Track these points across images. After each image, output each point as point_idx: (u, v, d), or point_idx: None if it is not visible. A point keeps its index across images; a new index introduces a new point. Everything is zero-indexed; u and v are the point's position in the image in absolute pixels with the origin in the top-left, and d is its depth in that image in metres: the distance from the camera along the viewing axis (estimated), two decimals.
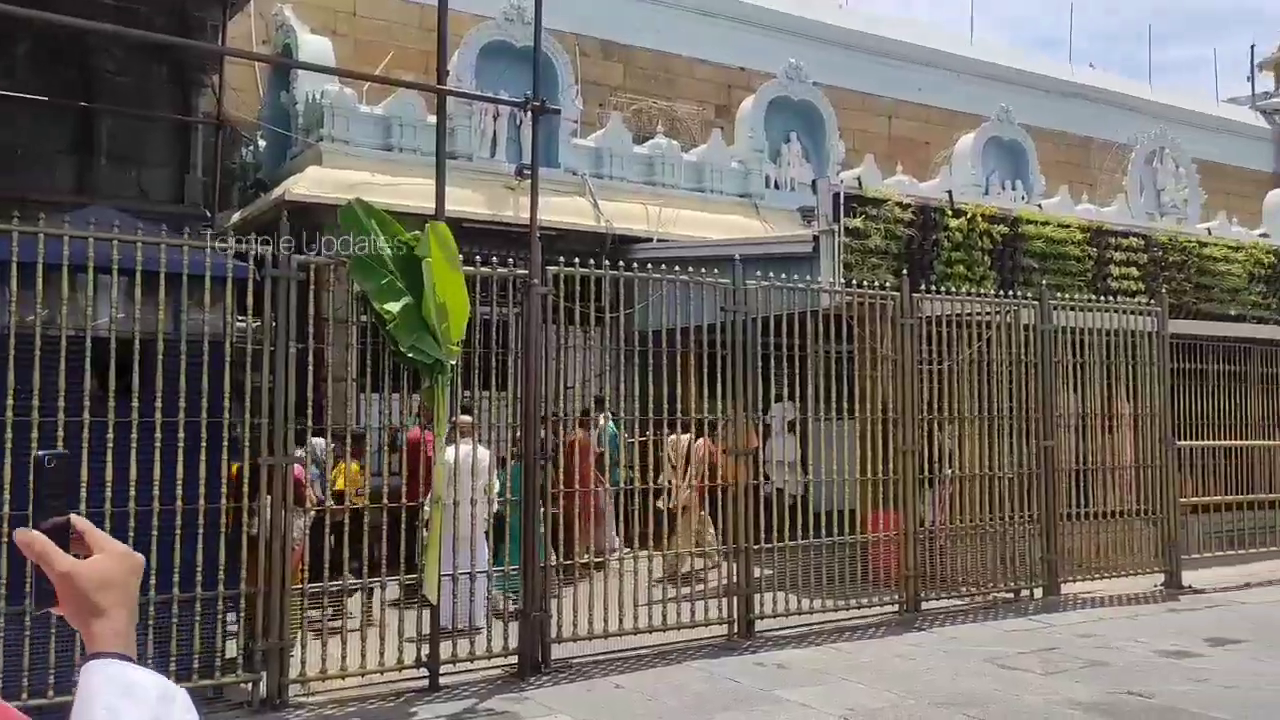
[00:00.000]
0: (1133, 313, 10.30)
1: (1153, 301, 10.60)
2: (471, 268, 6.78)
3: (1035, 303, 9.70)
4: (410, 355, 6.16)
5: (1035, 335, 9.68)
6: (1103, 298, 10.48)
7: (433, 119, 8.03)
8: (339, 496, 7.41)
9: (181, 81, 11.40)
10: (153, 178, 11.17)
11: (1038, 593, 9.45)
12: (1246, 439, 12.40)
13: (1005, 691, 6.39)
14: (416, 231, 6.29)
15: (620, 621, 7.25)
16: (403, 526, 6.53)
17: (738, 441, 7.96)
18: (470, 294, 6.61)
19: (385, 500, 6.54)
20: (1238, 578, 10.44)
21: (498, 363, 7.17)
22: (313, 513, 7.13)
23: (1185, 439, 11.38)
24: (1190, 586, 9.95)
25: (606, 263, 7.83)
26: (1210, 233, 14.31)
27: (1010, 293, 9.77)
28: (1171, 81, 40.99)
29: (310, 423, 7.19)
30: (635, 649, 7.29)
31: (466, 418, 7.50)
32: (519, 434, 7.20)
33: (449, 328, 6.23)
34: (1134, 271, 11.81)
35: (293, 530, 6.29)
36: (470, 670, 6.70)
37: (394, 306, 6.10)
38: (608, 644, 7.22)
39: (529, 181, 7.66)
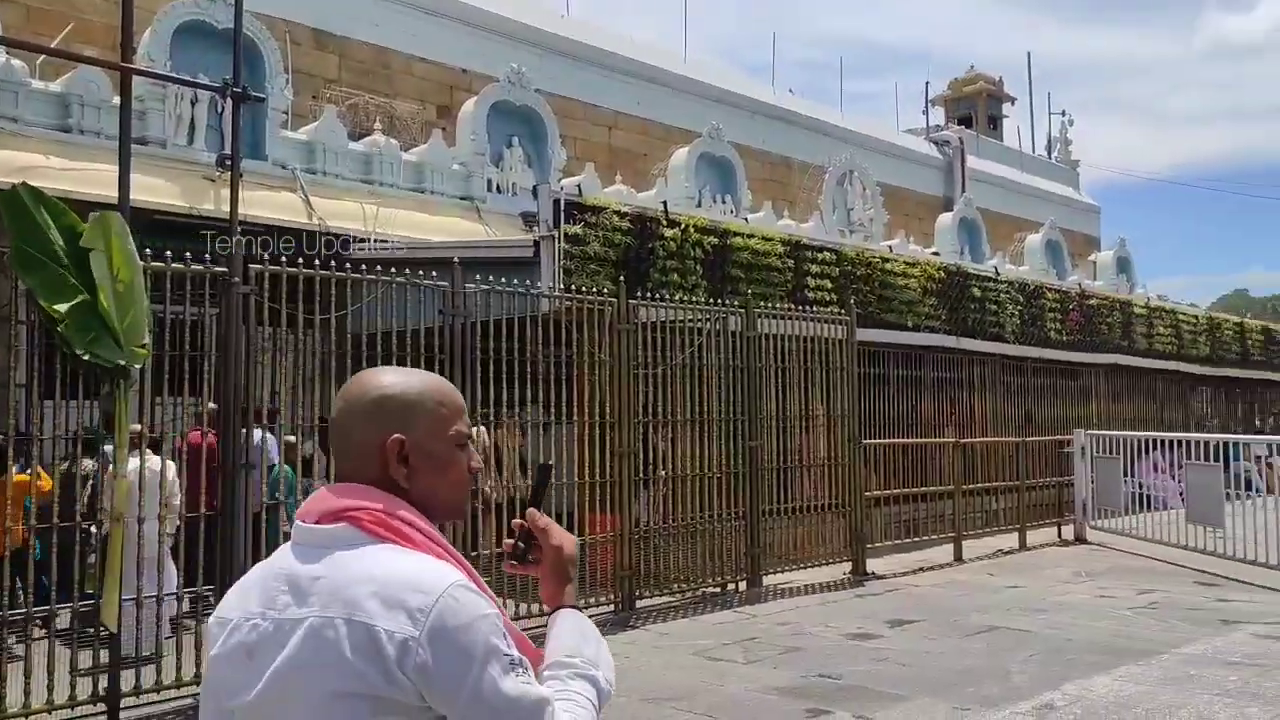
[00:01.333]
0: (826, 321, 11.10)
1: (843, 311, 11.45)
2: (161, 263, 6.25)
3: (742, 310, 10.24)
4: (87, 359, 5.59)
5: (742, 341, 10.22)
6: (800, 307, 11.25)
7: (118, 99, 7.38)
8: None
9: None
10: None
11: (742, 585, 9.97)
12: (921, 437, 13.70)
13: (710, 682, 6.69)
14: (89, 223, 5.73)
15: None
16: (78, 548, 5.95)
17: None
18: (162, 292, 6.12)
19: (55, 520, 5.91)
20: (912, 563, 11.50)
21: (193, 366, 6.67)
22: None
23: (870, 437, 12.40)
24: (874, 573, 10.84)
25: (318, 262, 7.51)
26: (891, 250, 15.67)
27: (720, 301, 10.25)
28: (860, 110, 44.59)
29: None
30: None
31: (137, 426, 6.86)
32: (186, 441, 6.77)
33: (131, 328, 5.70)
34: (828, 283, 12.72)
35: None
36: (157, 701, 6.21)
37: (63, 306, 5.51)
38: None
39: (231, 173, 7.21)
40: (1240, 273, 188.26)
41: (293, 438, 8.06)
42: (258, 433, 7.17)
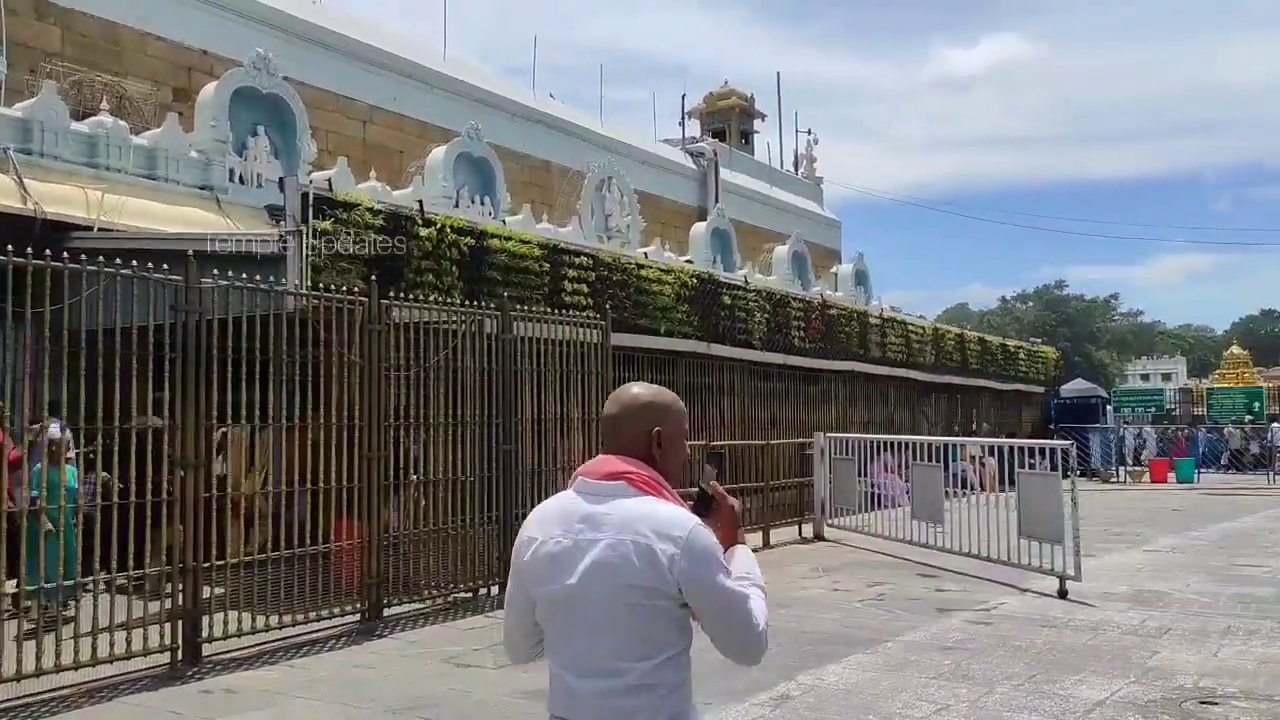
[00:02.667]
0: (582, 325, 11.20)
1: (599, 316, 11.59)
2: None
3: (498, 313, 10.16)
4: None
5: (498, 344, 10.14)
6: (557, 311, 11.30)
7: None
8: None
9: None
10: None
11: (494, 590, 9.89)
12: None
13: (459, 690, 6.58)
14: None
15: (38, 661, 6.35)
16: None
17: (186, 451, 7.37)
18: None
19: None
20: None
21: None
22: None
23: None
24: None
25: (30, 250, 6.82)
26: (647, 256, 16.03)
27: (476, 303, 10.13)
28: (619, 118, 45.42)
29: None
30: (57, 689, 6.43)
31: None
32: None
33: None
34: (584, 288, 12.86)
35: None
36: None
37: None
38: (20, 688, 6.29)
39: None
40: (963, 288, 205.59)
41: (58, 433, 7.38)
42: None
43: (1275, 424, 30.72)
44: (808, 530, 14.67)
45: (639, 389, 2.44)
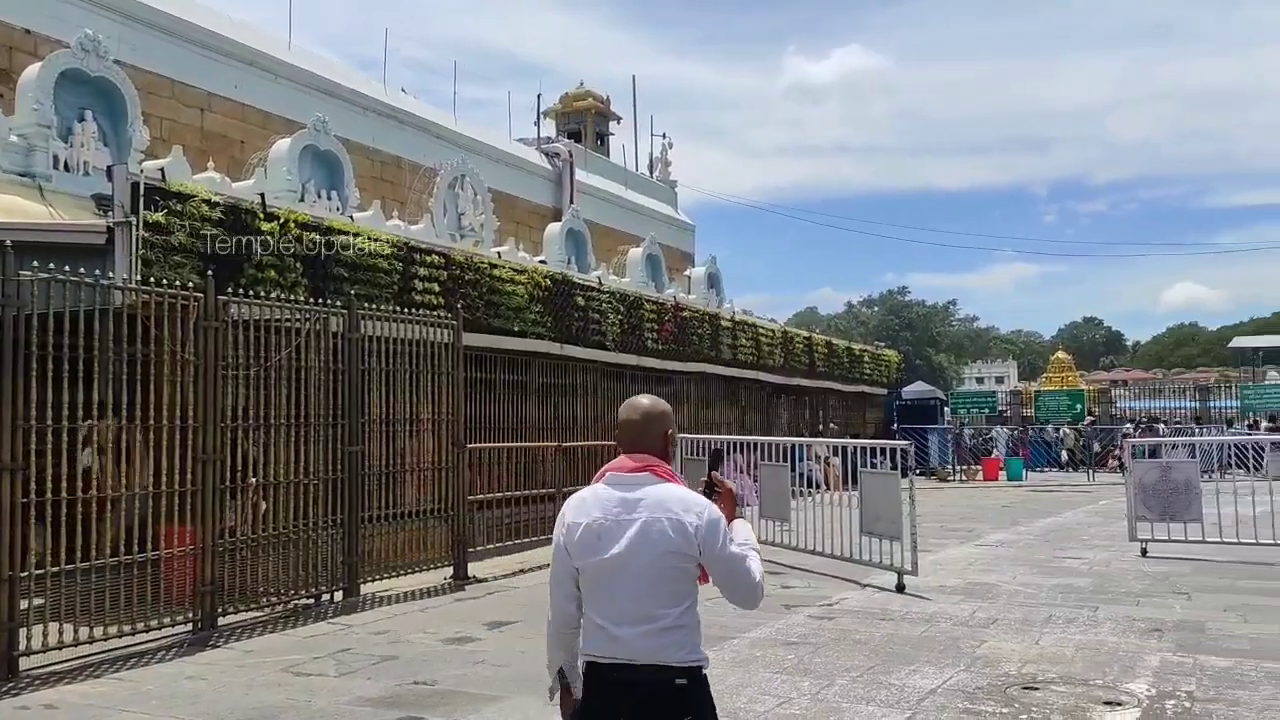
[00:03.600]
0: (433, 325, 11.01)
1: (450, 315, 11.42)
2: None
3: (344, 311, 9.89)
4: None
5: (344, 343, 9.87)
6: (407, 310, 11.08)
7: None
8: None
9: None
10: None
11: (338, 596, 9.62)
12: (526, 440, 14.00)
13: (298, 699, 6.36)
14: None
15: None
16: None
17: (1, 454, 6.90)
18: None
19: None
20: (514, 565, 11.71)
21: None
22: None
23: (476, 441, 12.48)
24: (474, 577, 10.90)
25: None
26: (500, 256, 15.89)
27: (322, 301, 9.84)
28: (473, 116, 44.91)
29: None
30: None
31: None
32: None
33: None
34: (436, 287, 12.65)
35: None
36: None
37: None
38: None
39: None
40: (812, 292, 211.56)
41: None
42: None
43: (1129, 424, 32.71)
44: None
45: (650, 401, 3.08)
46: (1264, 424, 31.44)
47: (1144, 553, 12.08)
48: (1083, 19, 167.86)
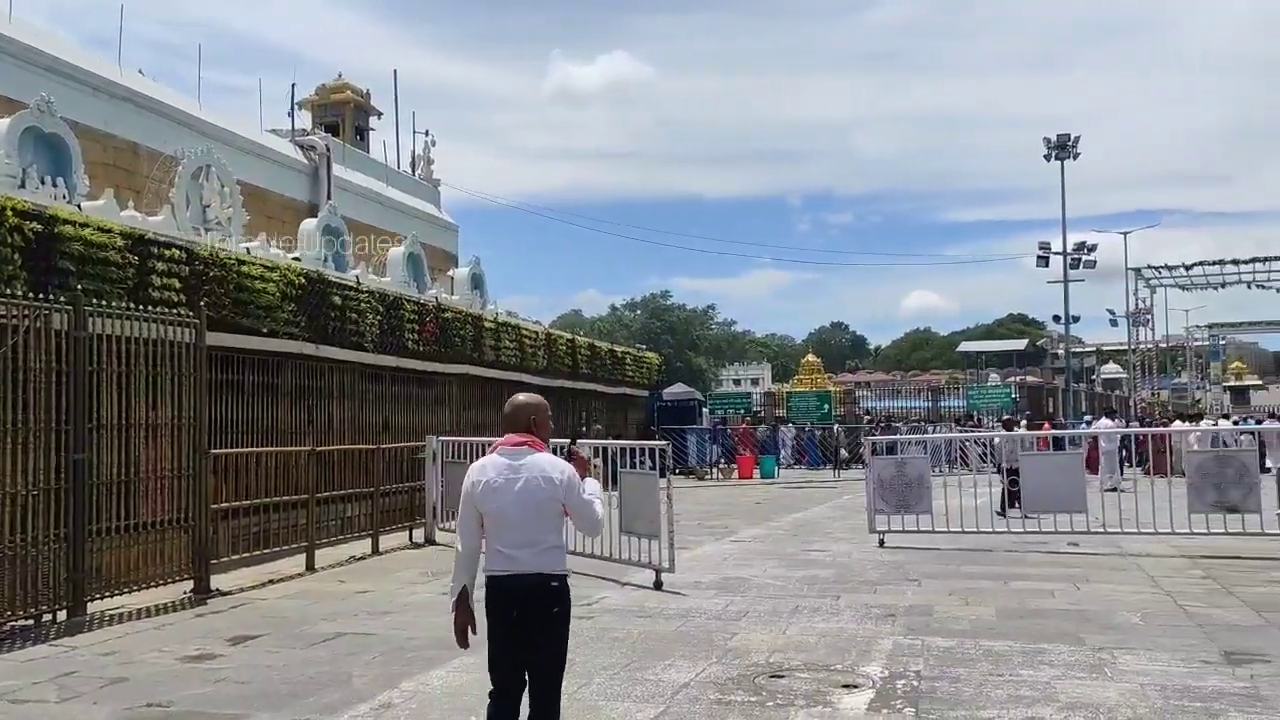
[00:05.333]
0: (173, 323, 10.32)
1: (192, 313, 10.73)
2: None
3: (69, 308, 9.11)
4: None
5: (69, 342, 9.09)
6: (144, 307, 10.33)
7: None
8: None
9: None
10: None
11: (62, 615, 8.85)
12: (279, 445, 13.36)
13: None
14: None
15: None
16: None
17: None
18: None
19: None
20: (262, 576, 11.15)
21: None
22: None
23: (223, 446, 11.80)
24: (218, 590, 10.30)
25: None
26: (250, 252, 15.10)
27: (43, 296, 9.02)
28: (220, 103, 42.52)
29: None
30: None
31: None
32: None
33: None
34: (176, 283, 11.86)
35: None
36: None
37: None
38: None
39: None
40: (577, 294, 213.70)
41: None
42: None
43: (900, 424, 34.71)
44: (419, 535, 14.51)
45: (524, 397, 4.54)
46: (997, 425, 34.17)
47: (882, 543, 12.93)
48: (826, 39, 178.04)
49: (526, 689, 4.27)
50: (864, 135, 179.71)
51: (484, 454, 15.81)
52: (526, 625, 4.18)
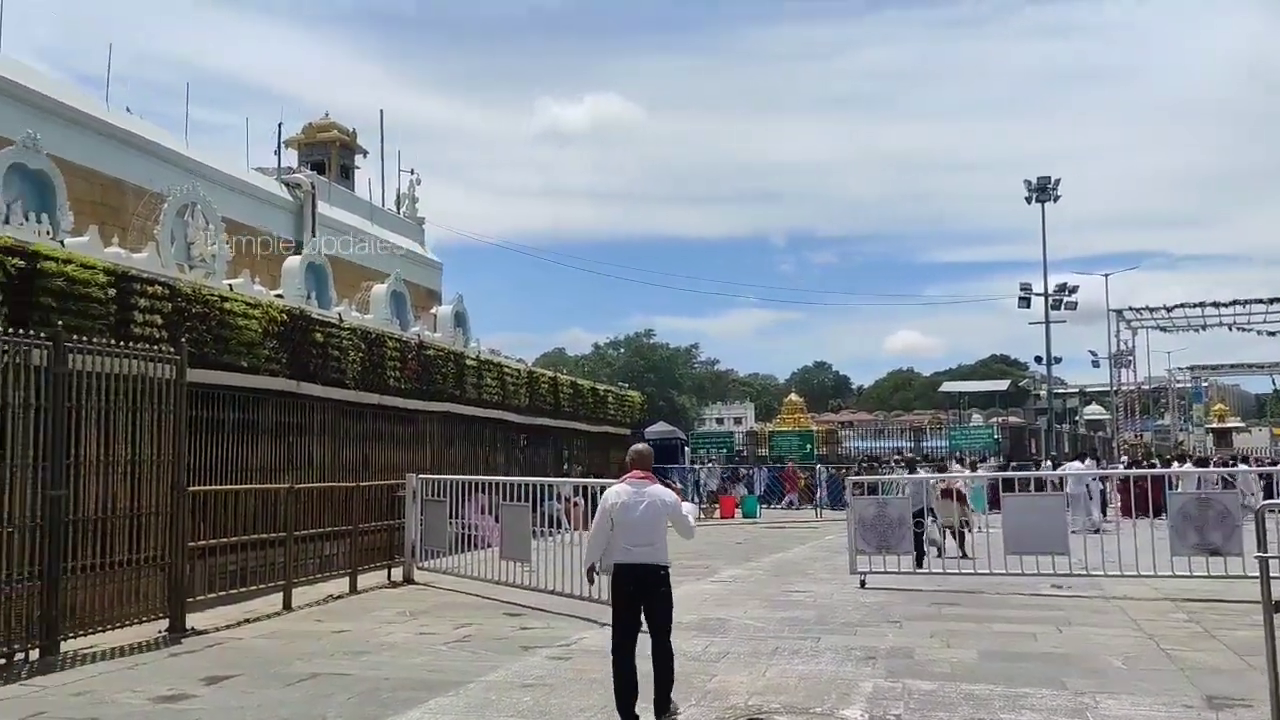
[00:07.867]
0: (153, 360, 10.28)
1: (173, 350, 10.70)
2: None
3: (49, 344, 9.07)
4: None
5: (49, 378, 9.05)
6: (125, 344, 10.29)
7: None
8: None
9: None
10: None
11: (34, 654, 8.74)
12: (259, 482, 13.27)
13: None
14: None
15: None
16: None
17: None
18: None
19: None
20: (239, 615, 11.03)
21: None
22: None
23: (203, 484, 11.73)
24: (193, 629, 10.18)
25: None
26: (232, 289, 15.09)
27: (24, 331, 8.99)
28: (207, 141, 42.62)
29: None
30: None
31: None
32: None
33: None
34: (158, 319, 11.84)
35: None
36: None
37: None
38: None
39: None
40: (561, 333, 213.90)
41: None
42: None
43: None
44: (398, 574, 14.40)
45: (645, 446, 7.23)
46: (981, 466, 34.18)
47: (863, 584, 12.90)
48: (808, 81, 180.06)
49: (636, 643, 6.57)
50: (848, 176, 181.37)
51: (465, 492, 15.97)
52: (643, 596, 6.52)
